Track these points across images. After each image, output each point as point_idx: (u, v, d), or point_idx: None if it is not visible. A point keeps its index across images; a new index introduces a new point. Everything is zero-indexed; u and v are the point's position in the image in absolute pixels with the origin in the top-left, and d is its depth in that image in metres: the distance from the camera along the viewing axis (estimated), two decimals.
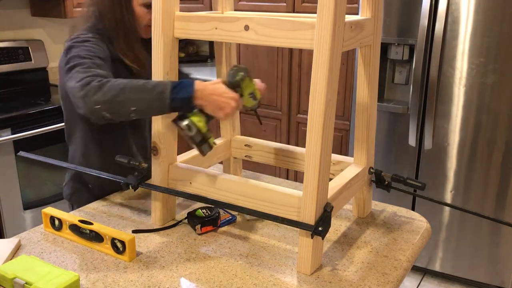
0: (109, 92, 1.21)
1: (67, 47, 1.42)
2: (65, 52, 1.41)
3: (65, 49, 1.43)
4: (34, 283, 1.05)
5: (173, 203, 1.44)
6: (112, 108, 1.21)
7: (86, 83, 1.24)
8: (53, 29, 3.36)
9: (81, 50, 1.39)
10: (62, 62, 1.42)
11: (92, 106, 1.22)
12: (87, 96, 1.22)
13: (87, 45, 1.41)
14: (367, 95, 1.38)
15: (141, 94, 1.20)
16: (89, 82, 1.24)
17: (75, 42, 1.42)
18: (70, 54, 1.39)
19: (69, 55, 1.38)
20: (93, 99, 1.21)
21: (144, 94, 1.19)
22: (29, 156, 1.57)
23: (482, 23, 2.30)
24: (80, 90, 1.24)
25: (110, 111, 1.22)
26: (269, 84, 3.21)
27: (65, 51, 1.42)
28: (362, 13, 1.30)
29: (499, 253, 2.52)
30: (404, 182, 1.41)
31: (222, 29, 1.22)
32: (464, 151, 2.48)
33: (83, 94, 1.23)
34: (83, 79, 1.26)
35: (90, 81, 1.24)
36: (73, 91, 1.27)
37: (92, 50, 1.40)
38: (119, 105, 1.21)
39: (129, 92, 1.20)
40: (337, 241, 1.34)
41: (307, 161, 1.13)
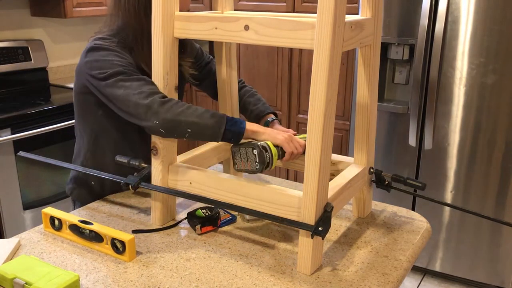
0: (171, 112, 1.27)
1: (91, 48, 1.41)
2: (91, 54, 1.40)
3: (88, 50, 1.41)
4: (34, 283, 1.05)
5: (173, 203, 1.44)
6: (171, 127, 1.28)
7: (148, 96, 1.29)
8: (53, 29, 3.36)
9: (114, 56, 1.39)
10: (87, 64, 1.40)
11: (152, 121, 1.28)
12: (150, 110, 1.28)
13: (117, 53, 1.40)
14: (367, 95, 1.38)
15: (199, 119, 1.27)
16: (151, 95, 1.29)
17: (101, 46, 1.41)
18: (100, 58, 1.38)
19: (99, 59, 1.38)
20: (156, 115, 1.27)
21: (202, 119, 1.27)
22: (28, 156, 1.57)
23: (482, 23, 2.30)
24: (142, 103, 1.28)
25: (167, 129, 1.29)
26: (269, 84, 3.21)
27: (89, 52, 1.41)
28: (362, 13, 1.30)
29: (499, 253, 2.52)
30: (404, 182, 1.41)
31: (222, 29, 1.22)
32: (464, 151, 2.48)
33: (145, 108, 1.28)
34: (142, 92, 1.30)
35: (153, 96, 1.29)
36: (128, 102, 1.31)
37: (122, 57, 1.41)
38: (177, 125, 1.28)
39: (189, 115, 1.27)
40: (337, 241, 1.34)
41: (307, 161, 1.13)
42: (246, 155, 1.30)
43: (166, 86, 1.33)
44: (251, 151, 1.28)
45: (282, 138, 1.30)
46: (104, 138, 1.53)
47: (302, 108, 3.13)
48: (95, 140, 1.53)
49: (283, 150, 1.31)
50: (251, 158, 1.29)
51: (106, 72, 1.36)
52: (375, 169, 1.45)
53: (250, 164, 1.29)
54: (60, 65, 3.45)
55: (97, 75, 1.37)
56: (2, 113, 2.57)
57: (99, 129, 1.52)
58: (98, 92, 1.40)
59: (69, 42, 3.49)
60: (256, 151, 1.27)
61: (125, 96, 1.32)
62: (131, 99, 1.31)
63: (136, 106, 1.30)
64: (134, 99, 1.30)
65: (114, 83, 1.34)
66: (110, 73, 1.35)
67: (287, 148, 1.30)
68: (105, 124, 1.51)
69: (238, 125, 1.29)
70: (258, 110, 1.64)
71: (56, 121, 2.73)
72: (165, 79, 1.32)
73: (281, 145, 1.30)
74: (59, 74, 3.44)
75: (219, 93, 1.63)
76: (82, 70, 1.43)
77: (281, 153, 1.31)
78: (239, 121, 1.31)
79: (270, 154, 1.28)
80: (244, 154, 1.30)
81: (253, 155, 1.28)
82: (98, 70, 1.37)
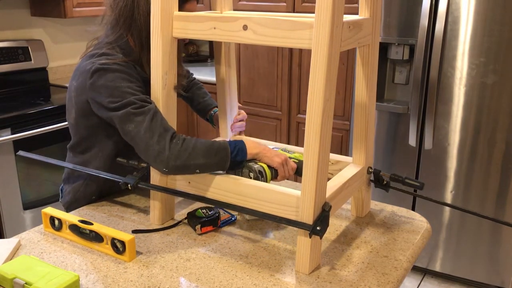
0: (181, 158, 1.29)
1: (96, 70, 1.34)
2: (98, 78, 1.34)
3: (93, 71, 1.34)
4: (34, 283, 1.05)
5: (172, 203, 1.44)
6: (180, 171, 1.31)
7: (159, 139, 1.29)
8: (53, 29, 3.36)
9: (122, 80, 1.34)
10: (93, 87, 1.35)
11: (162, 168, 1.30)
12: (159, 157, 1.28)
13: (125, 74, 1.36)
14: (365, 95, 1.38)
15: (206, 159, 1.30)
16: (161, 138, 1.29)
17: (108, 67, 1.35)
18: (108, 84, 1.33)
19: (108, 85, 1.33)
20: (165, 163, 1.28)
21: (208, 159, 1.30)
22: (28, 156, 1.56)
23: (482, 23, 2.29)
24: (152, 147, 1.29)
25: (177, 172, 1.32)
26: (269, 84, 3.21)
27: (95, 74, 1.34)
28: (361, 13, 1.30)
29: (499, 253, 2.52)
30: (403, 182, 1.41)
31: (220, 29, 1.22)
32: (464, 151, 2.48)
33: (156, 152, 1.28)
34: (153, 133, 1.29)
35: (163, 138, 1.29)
36: (139, 140, 1.30)
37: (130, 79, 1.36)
38: (187, 169, 1.31)
39: (196, 157, 1.30)
40: (337, 241, 1.34)
41: (305, 160, 1.13)
42: (241, 175, 1.34)
43: (165, 85, 1.33)
44: (247, 173, 1.34)
45: (279, 161, 1.36)
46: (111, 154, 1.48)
47: (302, 108, 3.13)
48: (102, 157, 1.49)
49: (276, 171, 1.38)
50: None
51: (117, 101, 1.31)
52: (374, 169, 1.45)
53: None
54: (60, 65, 3.45)
55: (106, 105, 1.33)
56: (2, 113, 2.57)
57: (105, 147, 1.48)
58: (107, 119, 1.37)
59: (69, 42, 3.49)
60: (253, 175, 1.33)
61: (136, 133, 1.30)
62: (142, 138, 1.29)
63: (147, 148, 1.30)
64: (145, 139, 1.29)
65: (124, 117, 1.30)
66: (121, 103, 1.31)
67: (281, 172, 1.37)
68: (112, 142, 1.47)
69: (241, 154, 1.34)
70: (206, 103, 1.78)
71: (56, 121, 2.73)
72: (164, 79, 1.32)
73: (277, 168, 1.36)
74: (59, 74, 3.44)
75: (218, 93, 1.63)
76: (86, 93, 1.37)
77: (274, 174, 1.37)
78: (241, 148, 1.34)
79: (265, 178, 1.34)
80: (239, 174, 1.35)
81: (248, 177, 1.33)
82: (108, 98, 1.32)
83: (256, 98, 3.29)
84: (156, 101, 1.34)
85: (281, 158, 1.37)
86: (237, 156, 1.33)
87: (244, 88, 3.32)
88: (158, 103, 1.34)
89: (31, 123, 2.64)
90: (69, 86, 1.47)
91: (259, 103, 3.28)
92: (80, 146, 1.51)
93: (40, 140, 2.70)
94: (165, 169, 1.29)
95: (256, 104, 3.29)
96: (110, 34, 1.43)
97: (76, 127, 1.48)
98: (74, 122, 1.48)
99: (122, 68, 1.37)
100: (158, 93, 1.33)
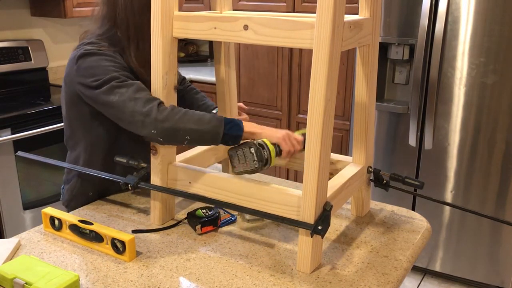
0: (169, 120, 1.26)
1: (81, 55, 1.37)
2: (82, 61, 1.36)
3: (78, 57, 1.37)
4: (34, 283, 1.05)
5: (172, 203, 1.45)
6: (169, 135, 1.27)
7: (145, 103, 1.27)
8: (53, 29, 3.36)
9: (106, 60, 1.36)
10: (78, 72, 1.37)
11: (150, 130, 1.26)
12: (147, 119, 1.26)
13: (109, 57, 1.38)
14: (365, 95, 1.38)
15: (197, 126, 1.26)
16: (148, 103, 1.27)
17: (91, 51, 1.37)
18: (91, 64, 1.35)
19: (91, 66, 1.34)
20: (153, 124, 1.25)
21: (200, 126, 1.26)
22: (27, 156, 1.56)
23: (482, 23, 2.29)
24: (138, 111, 1.26)
25: (166, 137, 1.27)
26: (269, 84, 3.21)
27: (80, 59, 1.37)
28: (361, 13, 1.31)
29: (499, 253, 2.52)
30: (403, 181, 1.41)
31: (221, 29, 1.22)
32: (464, 151, 2.48)
33: (142, 116, 1.26)
34: (138, 99, 1.28)
35: (150, 103, 1.27)
36: (124, 109, 1.28)
37: (114, 61, 1.38)
38: (176, 133, 1.27)
39: (187, 122, 1.26)
40: (337, 240, 1.34)
41: (306, 160, 1.13)
42: (244, 156, 1.29)
43: (165, 85, 1.33)
44: (248, 150, 1.28)
45: (280, 135, 1.30)
46: (99, 147, 1.49)
47: (302, 108, 3.13)
48: (91, 151, 1.50)
49: None
50: (249, 157, 1.28)
51: (100, 79, 1.32)
52: (374, 168, 1.45)
53: (249, 164, 1.29)
54: (60, 65, 3.45)
55: (90, 83, 1.33)
56: (2, 113, 2.57)
57: (94, 139, 1.49)
58: (93, 101, 1.36)
59: (69, 42, 3.49)
60: (253, 149, 1.27)
61: (121, 103, 1.29)
62: (127, 106, 1.28)
63: (133, 114, 1.27)
64: (130, 106, 1.28)
65: (108, 90, 1.31)
66: (104, 79, 1.32)
67: (284, 146, 1.30)
68: (100, 133, 1.48)
69: (236, 128, 1.29)
70: (206, 104, 1.73)
71: (56, 121, 2.73)
72: (164, 79, 1.32)
73: (278, 143, 1.30)
74: (59, 74, 3.44)
75: (218, 93, 1.63)
76: (73, 79, 1.39)
77: (279, 151, 1.30)
78: (236, 123, 1.29)
79: (268, 151, 1.28)
80: (241, 155, 1.30)
81: (250, 154, 1.28)
82: (91, 77, 1.33)
83: (256, 98, 3.29)
84: None
85: (282, 133, 1.30)
86: (231, 129, 1.27)
87: (244, 88, 3.32)
88: None
89: (31, 123, 2.64)
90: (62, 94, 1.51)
91: (259, 103, 3.28)
92: (72, 139, 1.52)
93: (40, 140, 2.70)
94: (154, 131, 1.26)
95: (256, 104, 3.29)
96: (100, 27, 1.46)
97: (67, 119, 1.51)
98: (66, 114, 1.50)
99: (107, 52, 1.39)
100: (158, 93, 1.33)
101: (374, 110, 1.42)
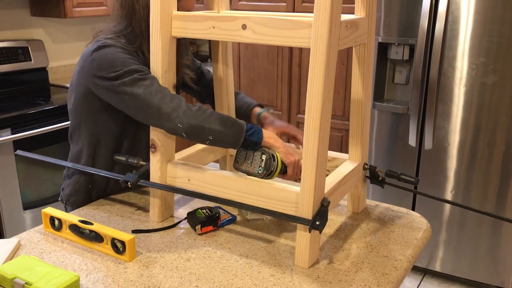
0: (196, 117, 1.27)
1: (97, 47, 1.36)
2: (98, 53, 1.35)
3: (94, 50, 1.36)
4: (34, 283, 1.05)
5: (172, 200, 1.45)
6: (194, 131, 1.28)
7: (173, 99, 1.28)
8: (53, 29, 3.36)
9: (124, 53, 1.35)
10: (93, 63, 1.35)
11: (176, 123, 1.27)
12: (175, 113, 1.27)
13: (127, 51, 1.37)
14: (361, 93, 1.39)
15: (221, 127, 1.28)
16: (175, 99, 1.28)
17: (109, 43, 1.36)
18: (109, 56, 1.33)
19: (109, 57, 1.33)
20: (181, 118, 1.27)
21: (224, 127, 1.28)
22: (26, 155, 1.56)
23: (482, 23, 2.30)
24: (167, 105, 1.27)
25: (190, 133, 1.28)
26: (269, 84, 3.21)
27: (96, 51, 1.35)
28: (357, 12, 1.33)
29: (499, 253, 2.52)
30: (398, 178, 1.43)
31: (220, 28, 1.22)
32: (464, 151, 2.48)
33: (170, 110, 1.27)
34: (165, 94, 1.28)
35: (177, 99, 1.28)
36: (151, 102, 1.28)
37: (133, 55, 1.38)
38: (201, 131, 1.28)
39: (213, 122, 1.28)
40: (334, 236, 1.34)
41: (304, 157, 1.14)
42: (252, 158, 1.31)
43: (164, 84, 1.33)
44: (259, 155, 1.30)
45: (292, 160, 1.32)
46: (104, 140, 1.49)
47: (302, 108, 3.14)
48: (96, 144, 1.50)
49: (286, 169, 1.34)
50: (256, 161, 1.30)
51: (120, 69, 1.31)
52: (369, 165, 1.47)
53: (253, 167, 1.30)
54: (60, 65, 3.45)
55: (107, 75, 1.31)
56: (2, 113, 2.57)
57: (99, 133, 1.48)
58: (109, 94, 1.34)
59: (69, 42, 3.49)
60: (265, 157, 1.29)
61: (148, 95, 1.28)
62: (154, 99, 1.28)
63: (159, 107, 1.27)
64: (157, 99, 1.28)
65: (132, 82, 1.29)
66: (125, 70, 1.30)
67: (289, 172, 1.34)
68: (106, 127, 1.47)
69: (256, 135, 1.31)
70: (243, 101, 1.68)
71: (56, 121, 2.73)
72: (163, 78, 1.33)
73: (287, 165, 1.33)
74: (59, 74, 3.44)
75: (216, 92, 1.64)
76: (87, 72, 1.37)
77: (284, 169, 1.33)
78: (257, 131, 1.31)
79: (276, 165, 1.30)
80: (250, 156, 1.32)
81: (259, 160, 1.30)
82: (109, 68, 1.31)
83: (256, 98, 3.29)
84: None
85: (295, 158, 1.33)
86: (252, 136, 1.30)
87: (244, 88, 3.32)
88: None
89: (31, 123, 2.64)
90: (73, 73, 1.48)
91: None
92: (76, 132, 1.52)
93: (40, 140, 2.70)
94: (180, 125, 1.27)
95: None
96: (116, 25, 1.45)
97: (75, 113, 1.49)
98: (73, 108, 1.49)
99: (124, 47, 1.38)
100: None
101: (370, 108, 1.44)
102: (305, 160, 1.14)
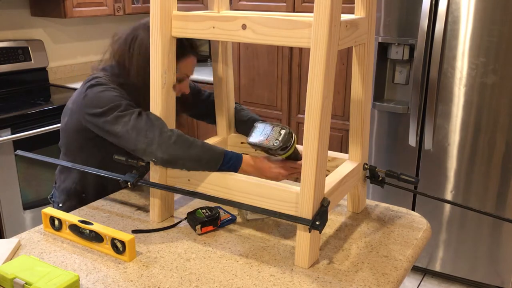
0: (171, 152, 1.32)
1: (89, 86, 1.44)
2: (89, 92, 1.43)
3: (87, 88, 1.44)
4: (34, 283, 1.05)
5: (171, 200, 1.45)
6: (170, 163, 1.34)
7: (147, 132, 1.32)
8: (53, 29, 3.36)
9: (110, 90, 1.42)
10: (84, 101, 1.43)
11: (151, 158, 1.33)
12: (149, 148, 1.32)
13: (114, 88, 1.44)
14: (361, 93, 1.39)
15: (196, 164, 1.33)
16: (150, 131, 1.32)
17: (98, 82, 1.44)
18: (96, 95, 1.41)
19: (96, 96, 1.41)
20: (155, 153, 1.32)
21: (198, 164, 1.33)
22: (26, 155, 1.57)
23: (482, 23, 2.29)
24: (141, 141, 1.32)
25: (166, 165, 1.35)
26: (269, 84, 3.21)
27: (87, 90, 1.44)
28: (357, 12, 1.33)
29: (499, 254, 2.52)
30: (398, 178, 1.43)
31: (219, 28, 1.22)
32: (464, 151, 2.48)
33: (144, 145, 1.32)
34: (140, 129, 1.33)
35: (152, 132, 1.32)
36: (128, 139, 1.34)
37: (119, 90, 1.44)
38: (175, 165, 1.34)
39: (187, 158, 1.32)
40: (336, 237, 1.34)
41: (304, 157, 1.14)
42: (271, 131, 1.31)
43: (164, 84, 1.33)
44: (278, 130, 1.31)
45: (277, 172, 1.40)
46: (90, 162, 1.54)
47: (302, 108, 3.13)
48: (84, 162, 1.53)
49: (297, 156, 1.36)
50: (273, 135, 1.30)
51: (104, 107, 1.38)
52: (369, 165, 1.47)
53: (269, 140, 1.30)
54: (60, 65, 3.45)
55: (95, 113, 1.40)
56: (2, 113, 2.57)
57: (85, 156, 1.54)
58: (96, 129, 1.42)
59: (69, 42, 3.49)
60: (284, 131, 1.30)
61: (125, 133, 1.35)
62: (130, 137, 1.34)
63: (135, 144, 1.34)
64: (132, 137, 1.34)
65: (113, 120, 1.37)
66: (108, 107, 1.38)
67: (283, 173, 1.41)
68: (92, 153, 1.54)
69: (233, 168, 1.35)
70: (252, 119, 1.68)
71: (56, 121, 2.73)
72: (163, 78, 1.33)
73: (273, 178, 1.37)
74: (59, 74, 3.44)
75: (216, 92, 1.64)
76: (80, 109, 1.45)
77: (295, 155, 1.34)
78: (234, 163, 1.35)
79: (292, 143, 1.30)
80: (267, 130, 1.32)
81: (277, 134, 1.30)
82: (96, 108, 1.40)
83: (256, 98, 3.29)
84: (155, 100, 1.35)
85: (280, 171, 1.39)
86: (229, 169, 1.34)
87: (244, 88, 3.32)
88: (157, 102, 1.35)
89: (31, 123, 2.64)
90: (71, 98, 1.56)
91: (259, 103, 3.28)
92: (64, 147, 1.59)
93: (40, 140, 2.70)
94: (154, 159, 1.33)
95: (256, 104, 3.29)
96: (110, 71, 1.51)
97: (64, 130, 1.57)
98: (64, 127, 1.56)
99: (116, 87, 1.45)
100: (157, 92, 1.34)
101: (369, 108, 1.44)
102: (305, 160, 1.14)
